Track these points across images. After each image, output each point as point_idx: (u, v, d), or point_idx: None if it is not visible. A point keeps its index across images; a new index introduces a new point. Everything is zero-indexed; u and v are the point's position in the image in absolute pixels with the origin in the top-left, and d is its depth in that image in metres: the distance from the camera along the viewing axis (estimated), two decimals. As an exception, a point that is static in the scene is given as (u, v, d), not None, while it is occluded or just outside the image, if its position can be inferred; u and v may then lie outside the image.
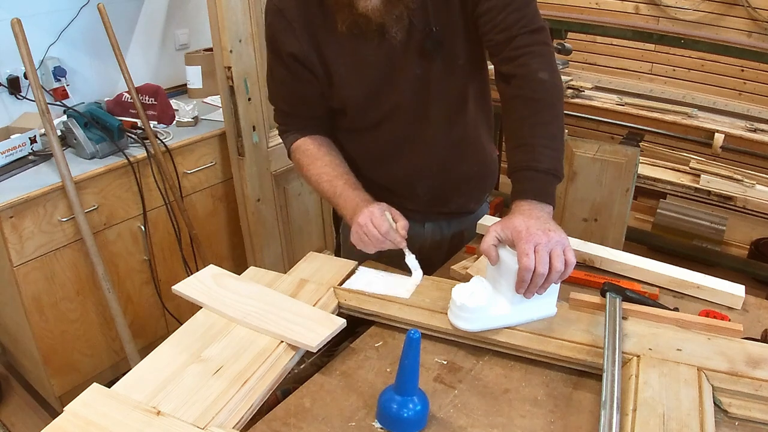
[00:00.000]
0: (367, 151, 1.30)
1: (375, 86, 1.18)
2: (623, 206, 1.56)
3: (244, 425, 0.83)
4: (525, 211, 0.98)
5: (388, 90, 1.19)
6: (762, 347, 0.93)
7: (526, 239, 0.92)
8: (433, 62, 1.16)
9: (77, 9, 2.25)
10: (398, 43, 1.12)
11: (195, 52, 2.63)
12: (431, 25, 1.12)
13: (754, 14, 2.84)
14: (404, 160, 1.28)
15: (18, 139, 1.93)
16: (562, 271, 0.93)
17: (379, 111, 1.22)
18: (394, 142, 1.26)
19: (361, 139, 1.29)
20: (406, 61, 1.15)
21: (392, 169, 1.30)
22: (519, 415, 0.85)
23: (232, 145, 2.19)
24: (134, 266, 2.12)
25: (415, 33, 1.12)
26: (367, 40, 1.12)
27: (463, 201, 1.39)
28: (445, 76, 1.18)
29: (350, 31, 1.09)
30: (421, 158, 1.28)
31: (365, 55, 1.15)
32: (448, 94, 1.21)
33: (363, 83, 1.18)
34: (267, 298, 1.04)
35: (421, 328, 0.98)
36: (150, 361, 0.91)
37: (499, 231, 0.97)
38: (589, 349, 0.93)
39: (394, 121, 1.23)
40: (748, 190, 2.47)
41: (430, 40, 1.13)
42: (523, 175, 1.03)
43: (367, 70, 1.16)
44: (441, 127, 1.24)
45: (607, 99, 2.95)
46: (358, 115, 1.24)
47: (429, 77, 1.17)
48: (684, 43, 2.59)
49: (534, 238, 0.92)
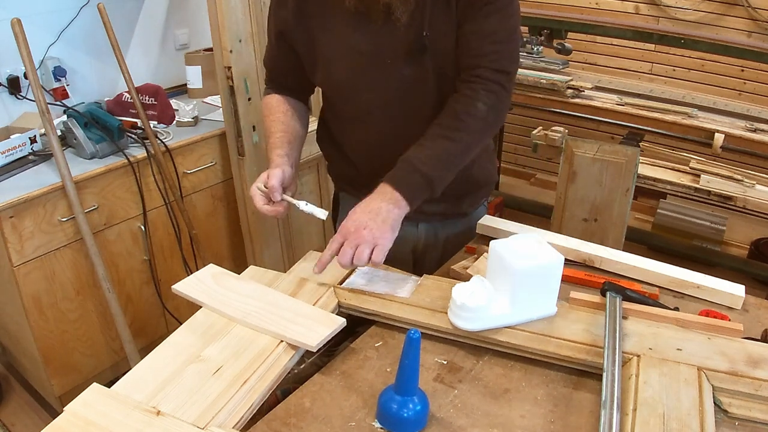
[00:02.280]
0: (357, 143, 1.33)
1: (363, 71, 1.19)
2: (623, 206, 1.56)
3: (244, 425, 0.83)
4: (373, 198, 1.07)
5: (372, 81, 1.19)
6: (762, 347, 0.93)
7: (340, 230, 1.06)
8: (421, 65, 1.16)
9: (77, 9, 2.25)
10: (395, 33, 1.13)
11: (195, 52, 2.63)
12: (424, 30, 1.13)
13: (754, 14, 2.84)
14: (391, 156, 1.28)
15: (18, 139, 1.93)
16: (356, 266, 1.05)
17: (363, 101, 1.23)
18: (380, 136, 1.27)
19: (350, 129, 1.32)
20: (397, 58, 1.16)
21: (380, 164, 1.30)
22: (519, 415, 0.85)
23: (232, 145, 2.19)
24: (134, 266, 2.12)
25: (409, 33, 1.13)
26: (370, 22, 1.13)
27: (453, 203, 1.38)
28: (436, 81, 1.18)
29: (356, 9, 1.11)
30: None
31: (358, 40, 1.16)
32: (440, 100, 1.20)
33: (350, 65, 1.19)
34: (267, 298, 1.04)
35: (421, 327, 0.98)
36: (150, 361, 0.91)
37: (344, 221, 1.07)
38: (589, 348, 0.93)
39: (379, 115, 1.24)
40: (748, 190, 2.47)
41: (420, 44, 1.14)
42: (402, 165, 1.10)
43: (356, 54, 1.17)
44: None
45: (607, 99, 2.94)
46: (340, 101, 1.28)
47: (420, 80, 1.18)
48: (684, 43, 2.59)
49: (343, 231, 1.05)
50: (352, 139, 1.33)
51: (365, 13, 1.12)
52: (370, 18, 1.12)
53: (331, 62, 1.21)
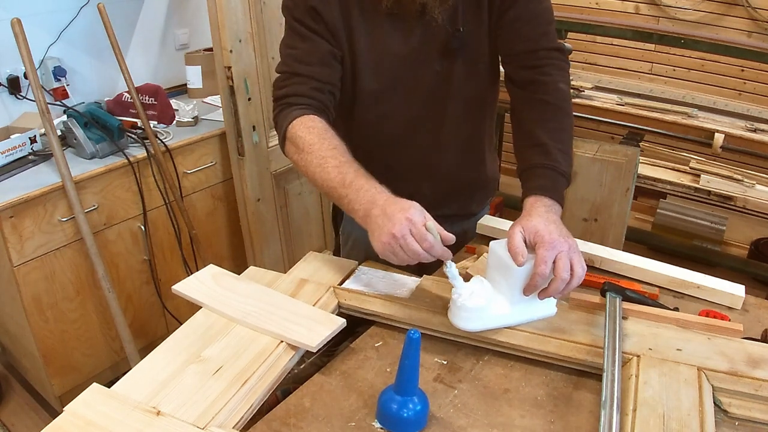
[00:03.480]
0: (379, 142, 1.27)
1: (396, 76, 1.18)
2: (623, 206, 1.55)
3: (244, 425, 0.83)
4: (542, 212, 0.98)
5: (407, 82, 1.19)
6: (762, 347, 0.93)
7: (549, 246, 0.91)
8: (455, 62, 1.17)
9: (77, 9, 2.25)
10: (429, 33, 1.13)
11: (195, 52, 2.63)
12: (459, 25, 1.13)
13: (754, 14, 2.84)
14: (414, 156, 1.28)
15: (18, 139, 1.93)
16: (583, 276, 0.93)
17: (396, 101, 1.21)
18: (407, 134, 1.25)
19: (373, 128, 1.26)
20: (429, 57, 1.16)
21: (401, 164, 1.28)
22: (519, 415, 0.85)
23: (232, 145, 2.19)
24: (134, 266, 2.12)
25: (441, 30, 1.13)
26: (404, 22, 1.12)
27: (465, 204, 1.39)
28: (465, 77, 1.19)
29: (391, 11, 1.10)
30: (432, 157, 1.28)
31: (392, 44, 1.15)
32: (466, 96, 1.21)
33: (385, 73, 1.18)
34: (267, 298, 1.04)
35: (421, 328, 0.98)
36: (150, 361, 0.91)
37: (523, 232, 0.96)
38: (589, 348, 0.93)
39: (410, 112, 1.22)
40: (748, 190, 2.47)
41: (456, 39, 1.14)
42: (540, 172, 1.05)
43: (392, 59, 1.16)
44: (453, 128, 1.24)
45: (607, 99, 2.95)
46: (372, 102, 1.22)
47: (449, 76, 1.18)
48: (684, 43, 2.59)
49: (557, 245, 0.92)
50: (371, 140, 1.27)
51: (400, 14, 1.11)
52: (404, 18, 1.12)
53: (368, 69, 1.17)
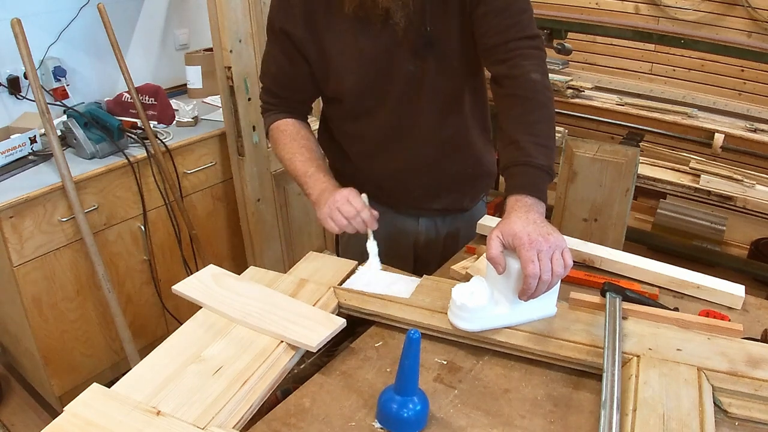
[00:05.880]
0: (361, 141, 1.32)
1: (371, 76, 1.20)
2: (623, 206, 1.55)
3: (244, 425, 0.83)
4: (521, 213, 0.97)
5: (382, 81, 1.20)
6: (762, 347, 0.93)
7: (528, 246, 0.92)
8: (425, 61, 1.18)
9: (77, 9, 2.25)
10: (396, 35, 1.14)
11: (195, 52, 2.63)
12: (426, 25, 1.14)
13: (754, 14, 2.84)
14: (396, 153, 1.30)
15: (18, 139, 1.93)
16: (563, 274, 0.93)
17: (373, 101, 1.24)
18: (387, 133, 1.28)
19: (354, 128, 1.31)
20: (401, 57, 1.18)
21: (384, 162, 1.32)
22: (519, 415, 0.85)
23: (232, 145, 2.19)
24: (134, 266, 2.12)
25: (410, 31, 1.15)
26: (370, 25, 1.14)
27: (455, 198, 1.40)
28: (438, 75, 1.20)
29: (355, 14, 1.12)
30: (413, 154, 1.29)
31: (363, 45, 1.17)
32: (441, 93, 1.22)
33: (359, 72, 1.20)
34: (267, 298, 1.04)
35: (421, 328, 0.98)
36: (150, 361, 0.91)
37: (501, 237, 0.96)
38: (589, 349, 0.93)
39: (387, 112, 1.24)
40: (748, 190, 2.47)
41: (424, 38, 1.15)
42: (517, 170, 1.04)
43: (364, 60, 1.18)
44: (433, 124, 1.26)
45: (607, 99, 2.95)
46: (351, 103, 1.26)
47: (422, 75, 1.19)
48: (684, 43, 2.59)
49: (536, 245, 0.92)
50: (353, 138, 1.33)
51: (365, 18, 1.13)
52: (370, 21, 1.13)
53: (342, 71, 1.21)
